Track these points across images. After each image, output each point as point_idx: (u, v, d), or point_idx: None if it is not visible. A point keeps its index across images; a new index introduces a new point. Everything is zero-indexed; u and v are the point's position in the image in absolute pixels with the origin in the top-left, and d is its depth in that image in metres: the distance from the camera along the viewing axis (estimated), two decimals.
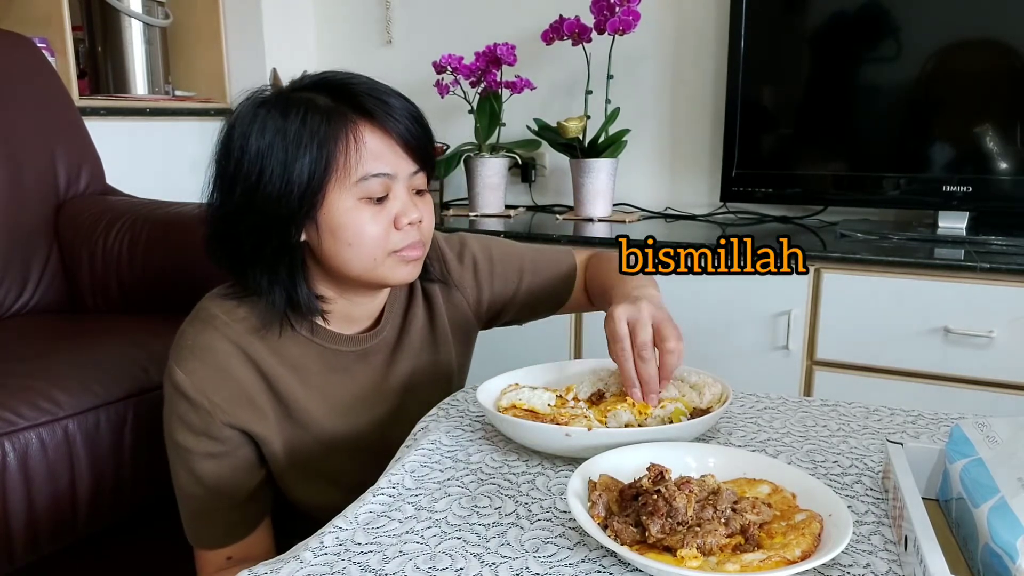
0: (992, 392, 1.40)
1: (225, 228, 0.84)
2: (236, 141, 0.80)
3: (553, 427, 0.72)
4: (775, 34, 1.75)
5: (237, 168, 0.79)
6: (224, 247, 0.85)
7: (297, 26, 2.32)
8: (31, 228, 1.51)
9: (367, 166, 0.79)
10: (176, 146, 2.17)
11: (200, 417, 0.82)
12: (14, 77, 1.53)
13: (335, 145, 0.78)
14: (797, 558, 0.53)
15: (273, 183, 0.78)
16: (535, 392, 0.81)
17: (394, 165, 0.81)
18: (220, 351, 0.83)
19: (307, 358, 0.88)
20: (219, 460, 0.84)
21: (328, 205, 0.79)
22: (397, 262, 0.84)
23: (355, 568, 0.55)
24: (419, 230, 0.84)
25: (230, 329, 0.84)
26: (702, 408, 0.79)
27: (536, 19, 1.98)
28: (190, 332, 0.85)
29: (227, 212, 0.82)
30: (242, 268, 0.84)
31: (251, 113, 0.80)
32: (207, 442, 0.83)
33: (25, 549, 0.99)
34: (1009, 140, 1.57)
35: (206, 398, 0.81)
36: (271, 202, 0.78)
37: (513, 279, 1.02)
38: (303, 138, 0.77)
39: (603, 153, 1.90)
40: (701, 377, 0.84)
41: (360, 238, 0.80)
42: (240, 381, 0.84)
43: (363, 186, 0.79)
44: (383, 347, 0.94)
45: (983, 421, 0.63)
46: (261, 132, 0.78)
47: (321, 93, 0.81)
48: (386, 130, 0.80)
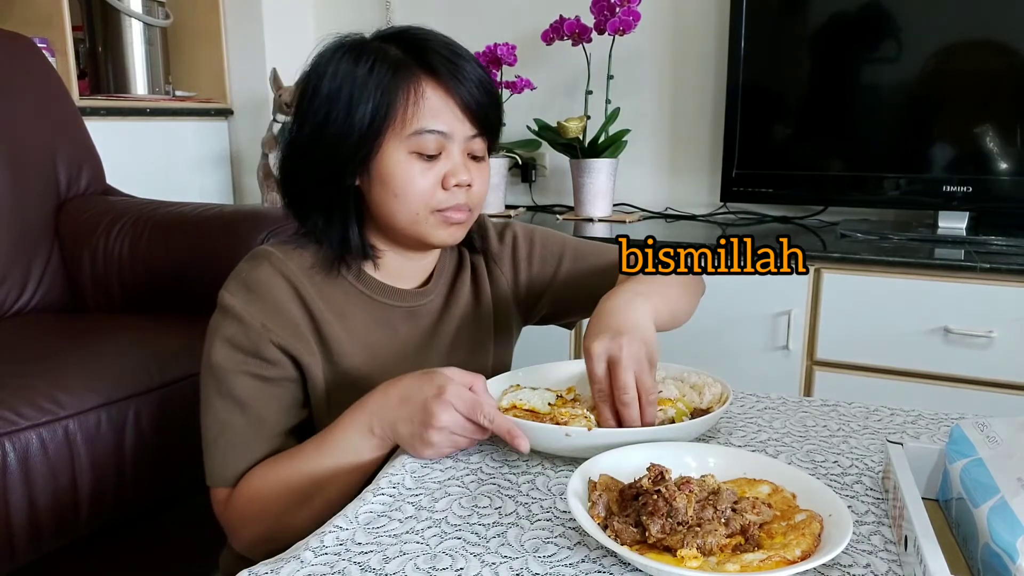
0: (992, 392, 1.40)
1: (292, 165, 0.86)
2: (311, 80, 0.82)
3: (553, 427, 0.72)
4: (775, 34, 1.75)
5: (308, 105, 0.82)
6: (289, 185, 0.88)
7: (297, 26, 2.32)
8: (32, 228, 1.51)
9: (423, 121, 0.80)
10: (176, 146, 2.17)
11: (250, 337, 0.81)
12: (14, 77, 1.54)
13: (396, 96, 0.80)
14: (797, 558, 0.53)
15: (337, 124, 0.80)
16: (536, 392, 0.81)
17: (451, 125, 0.82)
18: (274, 285, 0.84)
19: (354, 306, 0.89)
20: (264, 384, 0.82)
21: (382, 153, 0.81)
22: (440, 221, 0.84)
23: (355, 568, 0.55)
24: (467, 193, 0.85)
25: (284, 266, 0.85)
26: (702, 408, 0.79)
27: (536, 19, 1.98)
28: (245, 267, 0.86)
29: (295, 148, 0.85)
30: (303, 208, 0.87)
31: (329, 54, 0.83)
32: (255, 362, 0.82)
33: (26, 548, 0.99)
34: (1009, 140, 1.57)
35: (258, 320, 0.82)
36: (332, 143, 0.81)
37: (552, 262, 1.01)
38: (368, 85, 0.80)
39: (603, 153, 1.90)
40: (701, 377, 0.84)
41: (406, 190, 0.82)
42: (291, 314, 0.84)
43: (416, 140, 0.81)
44: (431, 310, 0.94)
45: (983, 421, 0.63)
46: (334, 74, 0.81)
47: (395, 45, 0.83)
48: (449, 89, 0.81)
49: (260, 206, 2.06)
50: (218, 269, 1.37)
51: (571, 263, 1.01)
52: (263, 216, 1.43)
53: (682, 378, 0.84)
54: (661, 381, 0.82)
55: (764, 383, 1.54)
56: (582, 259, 1.02)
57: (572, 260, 1.01)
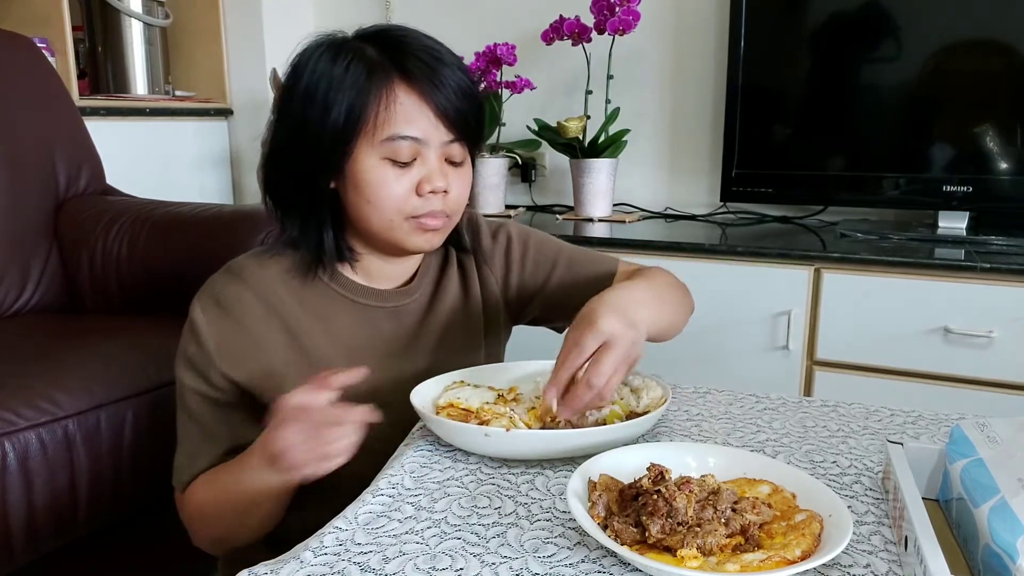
0: (992, 392, 1.40)
1: (270, 166, 0.86)
2: (291, 77, 0.81)
3: (473, 427, 0.71)
4: (775, 34, 1.75)
5: (287, 104, 0.81)
6: (269, 187, 0.87)
7: (297, 26, 2.31)
8: (31, 228, 1.51)
9: (396, 127, 0.79)
10: (176, 146, 2.17)
11: (202, 360, 0.83)
12: (14, 77, 1.54)
13: (368, 99, 0.78)
14: (797, 558, 0.52)
15: (313, 125, 0.79)
16: (477, 391, 0.79)
17: (425, 131, 0.80)
18: (243, 302, 0.84)
19: (335, 308, 0.88)
20: (211, 404, 0.84)
21: (355, 158, 0.80)
22: (414, 228, 0.83)
23: (355, 568, 0.55)
24: (443, 200, 0.83)
25: (256, 279, 0.85)
26: (638, 412, 0.78)
27: (536, 19, 1.98)
28: (218, 281, 0.86)
29: (274, 147, 0.84)
30: (282, 210, 0.87)
31: (310, 51, 0.81)
32: (204, 384, 0.84)
33: (25, 548, 0.99)
34: (1009, 140, 1.57)
35: (214, 343, 0.82)
36: (308, 145, 0.80)
37: (545, 267, 0.99)
38: (344, 85, 0.78)
39: (603, 153, 1.90)
40: (644, 380, 0.82)
41: (379, 196, 0.80)
42: (257, 335, 0.84)
43: (389, 146, 0.79)
44: (414, 309, 0.93)
45: (983, 421, 0.63)
46: (312, 72, 0.79)
47: (373, 45, 0.81)
48: (424, 94, 0.79)
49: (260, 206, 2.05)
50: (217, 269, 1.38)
51: (565, 269, 0.98)
52: (263, 216, 1.43)
53: (624, 380, 0.82)
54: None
55: (764, 383, 1.54)
56: (576, 267, 0.99)
57: (566, 267, 0.99)
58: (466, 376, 0.84)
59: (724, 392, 0.92)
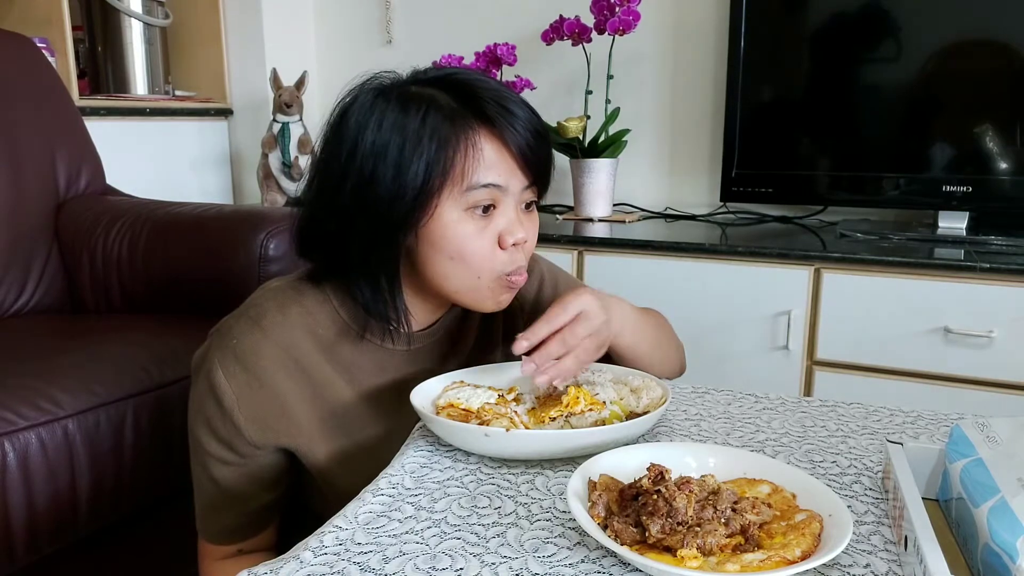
0: (992, 392, 1.40)
1: (329, 225, 0.78)
2: (351, 130, 0.74)
3: (473, 427, 0.70)
4: (775, 34, 1.75)
5: (349, 160, 0.74)
6: (323, 245, 0.80)
7: (297, 26, 2.32)
8: (31, 228, 1.51)
9: (479, 175, 0.74)
10: (176, 146, 2.18)
11: (227, 429, 0.78)
12: (14, 77, 1.54)
13: (454, 149, 0.73)
14: (797, 558, 0.52)
15: (386, 183, 0.73)
16: (477, 391, 0.79)
17: (506, 177, 0.76)
18: (265, 356, 0.77)
19: (359, 356, 0.83)
20: (237, 469, 0.80)
21: (437, 213, 0.75)
22: (503, 287, 0.79)
23: (355, 568, 0.55)
24: (523, 251, 0.79)
25: (279, 331, 0.78)
26: (638, 412, 0.78)
27: (536, 19, 1.98)
28: (237, 330, 0.79)
29: (335, 208, 0.77)
30: (342, 272, 0.80)
31: (369, 102, 0.75)
32: (228, 452, 0.79)
33: (25, 549, 0.99)
34: (1009, 140, 1.57)
35: (240, 413, 0.77)
36: (383, 204, 0.74)
37: None
38: (422, 138, 0.72)
39: (603, 153, 1.90)
40: (644, 380, 0.82)
41: (463, 252, 0.76)
42: (281, 394, 0.79)
43: (471, 195, 0.74)
44: (434, 348, 0.89)
45: (983, 421, 0.63)
46: (378, 125, 0.73)
47: (444, 91, 0.76)
48: (504, 140, 0.75)
49: (260, 206, 2.06)
50: (217, 269, 1.38)
51: None
52: (263, 216, 1.43)
53: (624, 381, 0.82)
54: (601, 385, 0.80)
55: (764, 383, 1.54)
56: None
57: None
58: (466, 376, 0.84)
59: (723, 392, 0.92)
